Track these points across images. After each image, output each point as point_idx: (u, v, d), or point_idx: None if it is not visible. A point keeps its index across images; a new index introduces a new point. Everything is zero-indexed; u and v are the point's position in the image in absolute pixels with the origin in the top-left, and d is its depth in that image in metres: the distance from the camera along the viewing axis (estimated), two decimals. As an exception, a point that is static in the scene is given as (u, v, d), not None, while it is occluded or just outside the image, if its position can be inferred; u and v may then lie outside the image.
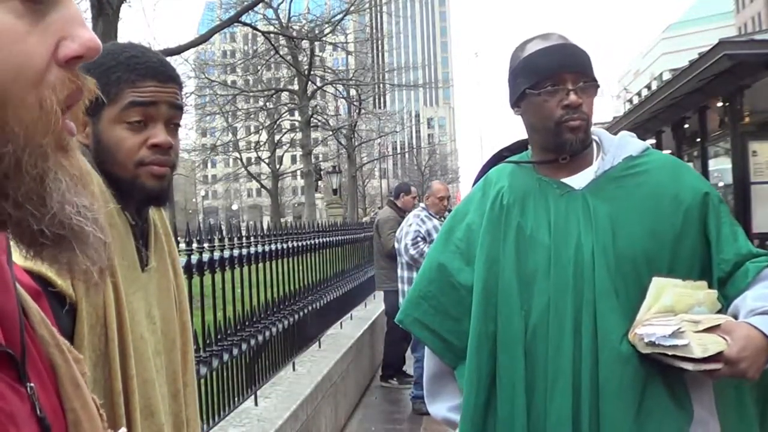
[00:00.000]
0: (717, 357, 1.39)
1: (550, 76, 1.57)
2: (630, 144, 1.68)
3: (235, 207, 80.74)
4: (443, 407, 1.76)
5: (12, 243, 0.55)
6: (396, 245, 6.31)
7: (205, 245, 3.38)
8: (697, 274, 1.53)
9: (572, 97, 1.56)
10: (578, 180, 1.63)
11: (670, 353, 1.43)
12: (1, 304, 0.55)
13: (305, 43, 24.21)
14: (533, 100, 1.60)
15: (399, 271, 6.27)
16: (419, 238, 5.95)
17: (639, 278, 1.51)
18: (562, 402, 1.49)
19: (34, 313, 0.62)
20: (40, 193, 0.51)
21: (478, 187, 1.75)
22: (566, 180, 1.64)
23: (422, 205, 6.35)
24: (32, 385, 0.57)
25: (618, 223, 1.55)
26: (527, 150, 1.74)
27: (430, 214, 6.16)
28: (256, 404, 3.92)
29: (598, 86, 1.60)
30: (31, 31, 0.50)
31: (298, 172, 44.71)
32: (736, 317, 1.47)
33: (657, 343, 1.43)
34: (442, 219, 6.24)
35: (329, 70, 29.29)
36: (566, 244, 1.56)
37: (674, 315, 1.46)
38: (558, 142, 1.59)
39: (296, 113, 29.24)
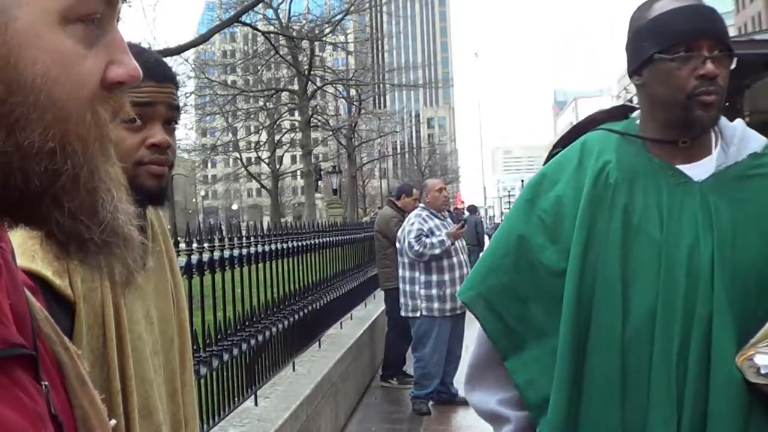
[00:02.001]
0: None
1: (685, 41, 1.35)
2: (753, 138, 1.50)
3: (235, 207, 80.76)
4: (492, 399, 1.53)
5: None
6: (397, 245, 6.31)
7: (205, 245, 3.38)
8: None
9: (709, 66, 1.35)
10: (697, 170, 1.42)
11: None
12: (14, 304, 0.57)
13: (305, 43, 24.23)
14: (662, 67, 1.37)
15: (400, 270, 6.27)
16: (422, 235, 5.95)
17: (748, 298, 1.33)
18: (662, 424, 1.32)
19: (38, 311, 0.64)
20: (93, 205, 0.54)
21: (572, 154, 1.49)
22: (683, 167, 1.42)
23: (422, 205, 6.35)
24: (46, 383, 0.58)
25: (739, 231, 1.35)
26: (629, 119, 1.51)
27: (431, 213, 6.16)
28: (256, 404, 3.92)
29: (735, 57, 1.40)
30: (88, 54, 0.54)
31: (298, 172, 44.75)
32: None
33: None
34: (442, 216, 6.22)
35: (329, 70, 29.30)
36: (678, 245, 1.35)
37: None
38: (687, 119, 1.37)
39: (296, 113, 29.26)
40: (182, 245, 3.15)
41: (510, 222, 1.52)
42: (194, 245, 3.27)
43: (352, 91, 29.86)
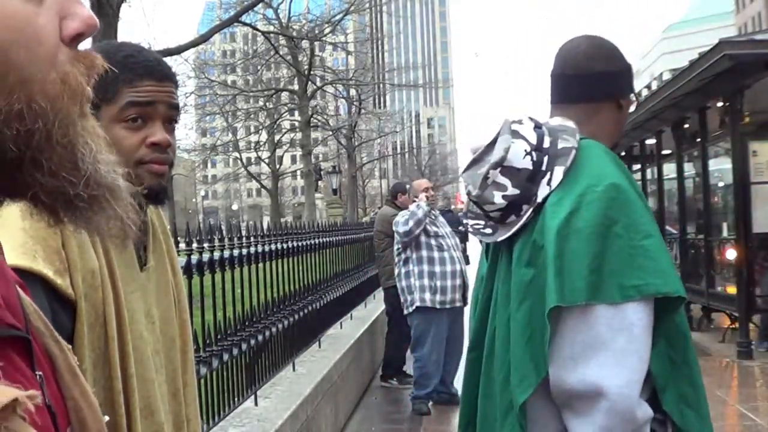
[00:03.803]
0: None
1: None
2: None
3: (235, 207, 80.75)
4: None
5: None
6: (395, 247, 6.35)
7: (205, 245, 3.38)
8: None
9: None
10: None
11: None
12: (5, 295, 0.56)
13: (305, 43, 24.23)
14: (628, 104, 1.68)
15: (396, 269, 6.30)
16: (410, 220, 6.03)
17: None
18: None
19: (27, 304, 0.63)
20: (72, 159, 0.53)
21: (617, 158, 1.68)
22: None
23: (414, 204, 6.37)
24: (41, 373, 0.58)
25: None
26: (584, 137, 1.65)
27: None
28: (256, 404, 3.92)
29: None
30: (39, 12, 0.52)
31: (298, 172, 44.73)
32: None
33: None
34: (432, 216, 6.21)
35: (329, 70, 29.31)
36: None
37: None
38: (614, 148, 1.67)
39: (296, 113, 29.25)
40: (182, 245, 3.15)
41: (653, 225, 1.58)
42: (194, 245, 3.27)
43: (352, 91, 29.87)
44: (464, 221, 1.73)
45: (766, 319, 8.35)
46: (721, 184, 10.33)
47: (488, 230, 1.61)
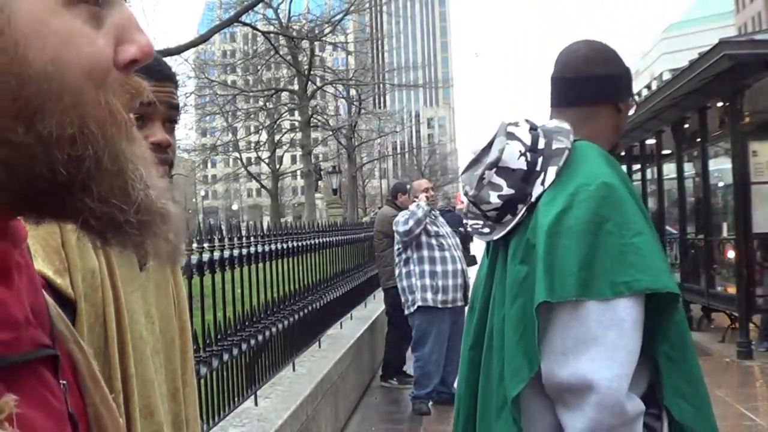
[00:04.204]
0: None
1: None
2: None
3: (235, 207, 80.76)
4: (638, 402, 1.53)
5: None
6: (395, 247, 6.35)
7: (205, 245, 3.38)
8: None
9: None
10: None
11: None
12: (33, 304, 0.56)
13: (305, 43, 24.23)
14: (627, 108, 1.71)
15: (397, 269, 6.31)
16: (410, 219, 6.03)
17: None
18: None
19: (51, 308, 0.63)
20: (122, 186, 0.53)
21: (610, 158, 1.68)
22: None
23: (414, 204, 6.38)
24: (65, 382, 0.58)
25: None
26: (579, 139, 1.67)
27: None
28: (256, 404, 3.92)
29: None
30: (98, 34, 0.52)
31: (298, 172, 44.72)
32: None
33: None
34: (432, 216, 6.22)
35: (329, 70, 29.31)
36: None
37: None
38: (613, 151, 1.75)
39: (296, 113, 29.26)
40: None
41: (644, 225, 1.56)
42: (194, 245, 3.27)
43: (352, 91, 29.87)
44: (464, 221, 1.76)
45: (766, 319, 8.35)
46: (721, 184, 10.32)
47: (486, 229, 1.64)
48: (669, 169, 11.90)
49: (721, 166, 10.08)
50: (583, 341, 1.41)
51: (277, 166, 36.65)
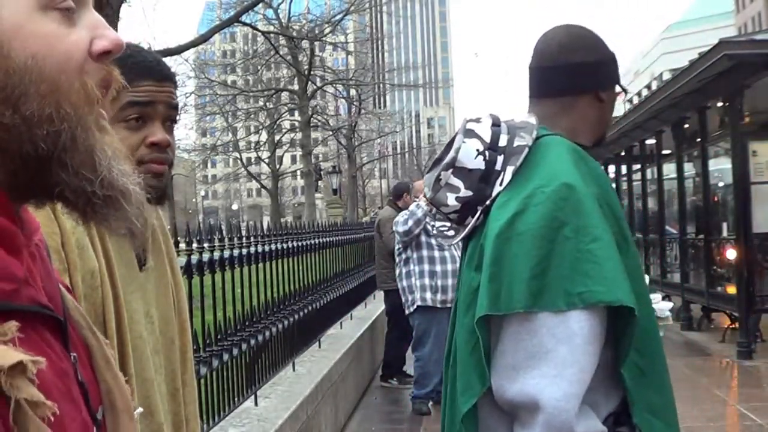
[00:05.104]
0: None
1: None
2: None
3: (235, 207, 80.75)
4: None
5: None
6: (396, 247, 6.35)
7: (205, 245, 3.38)
8: None
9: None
10: None
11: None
12: (46, 288, 0.66)
13: (305, 43, 24.23)
14: (612, 97, 1.59)
15: (397, 270, 6.30)
16: (409, 219, 6.03)
17: None
18: None
19: (68, 300, 0.73)
20: (91, 162, 0.63)
21: (578, 157, 1.49)
22: None
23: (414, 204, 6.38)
24: (75, 354, 0.67)
25: None
26: (554, 133, 1.55)
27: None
28: (256, 404, 3.92)
29: None
30: (70, 32, 0.63)
31: (298, 172, 44.72)
32: None
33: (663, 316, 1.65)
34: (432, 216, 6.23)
35: (329, 70, 29.32)
36: None
37: None
38: (602, 144, 1.63)
39: (296, 113, 29.26)
40: (182, 245, 3.15)
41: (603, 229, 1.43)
42: (194, 245, 3.27)
43: (352, 91, 29.87)
44: (431, 223, 1.71)
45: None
46: (721, 184, 10.33)
47: (451, 232, 1.58)
48: (669, 169, 11.91)
49: (721, 166, 10.09)
50: (534, 356, 1.31)
51: (277, 166, 36.67)
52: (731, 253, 8.68)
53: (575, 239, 1.32)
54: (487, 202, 1.45)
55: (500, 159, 1.46)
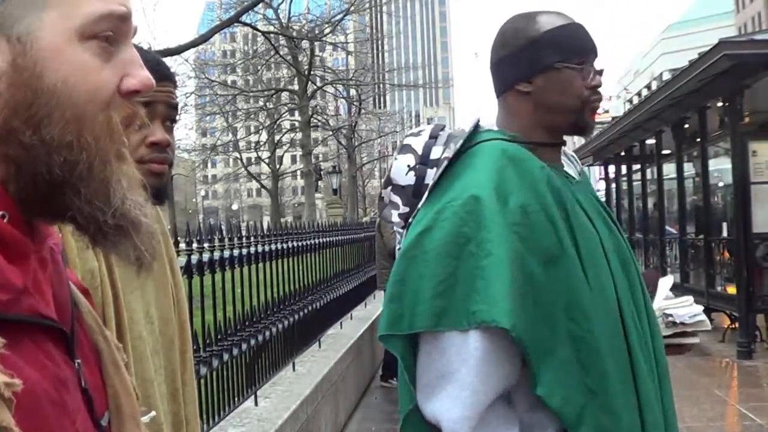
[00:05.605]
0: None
1: (582, 54, 1.43)
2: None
3: (235, 207, 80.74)
4: None
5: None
6: (397, 247, 6.34)
7: (205, 245, 3.38)
8: None
9: (598, 78, 1.44)
10: (571, 171, 1.51)
11: (690, 330, 1.67)
12: (57, 294, 0.66)
13: (305, 43, 24.21)
14: (560, 76, 1.41)
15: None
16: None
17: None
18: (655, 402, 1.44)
19: (83, 304, 0.74)
20: (105, 193, 0.64)
21: (502, 163, 1.38)
22: (566, 169, 1.50)
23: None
24: (79, 361, 0.67)
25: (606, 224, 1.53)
26: (493, 130, 1.48)
27: None
28: (256, 404, 3.92)
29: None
30: (104, 66, 0.64)
31: (298, 172, 44.70)
32: None
33: (683, 322, 1.65)
34: None
35: (329, 70, 29.30)
36: (604, 237, 1.45)
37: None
38: (580, 123, 1.45)
39: (296, 113, 29.24)
40: (182, 245, 3.15)
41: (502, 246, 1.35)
42: (194, 245, 3.27)
43: (352, 91, 29.85)
44: (398, 236, 1.69)
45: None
46: (721, 184, 10.34)
47: None
48: (669, 169, 11.92)
49: (721, 166, 10.10)
50: (443, 375, 1.30)
51: (277, 166, 36.65)
52: (731, 253, 8.69)
53: (476, 255, 1.27)
54: (410, 219, 1.43)
55: (430, 172, 1.43)
